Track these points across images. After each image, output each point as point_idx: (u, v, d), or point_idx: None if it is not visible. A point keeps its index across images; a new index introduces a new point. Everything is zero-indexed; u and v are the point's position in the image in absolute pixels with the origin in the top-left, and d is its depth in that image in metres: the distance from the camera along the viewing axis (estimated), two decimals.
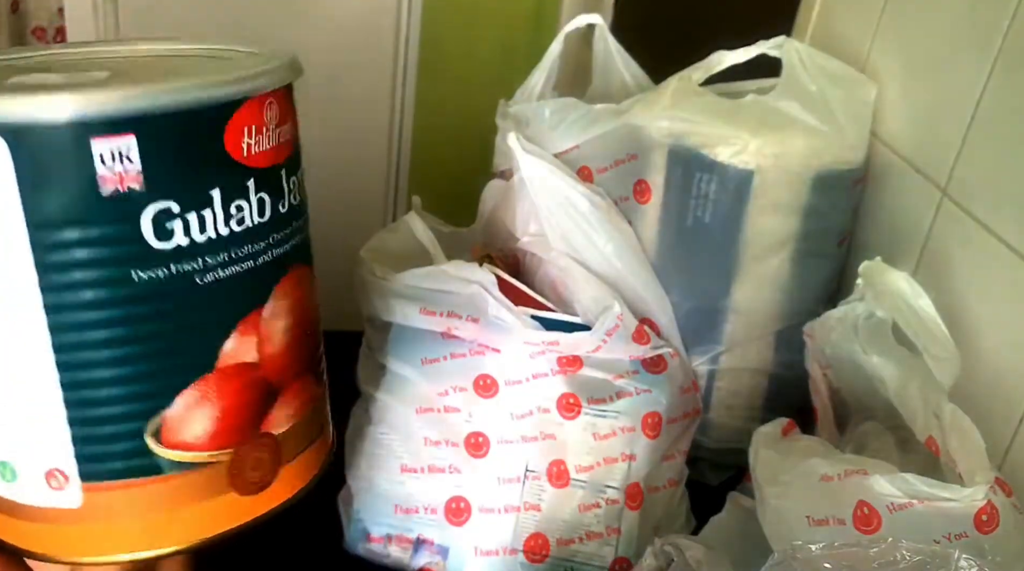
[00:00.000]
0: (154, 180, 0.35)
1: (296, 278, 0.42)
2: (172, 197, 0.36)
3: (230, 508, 0.40)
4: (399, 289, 0.71)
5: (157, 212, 0.35)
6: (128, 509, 0.39)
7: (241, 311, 0.39)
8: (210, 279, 0.37)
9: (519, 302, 0.70)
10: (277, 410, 0.41)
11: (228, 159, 0.37)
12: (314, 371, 0.44)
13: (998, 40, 0.63)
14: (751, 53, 0.79)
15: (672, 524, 0.74)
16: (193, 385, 0.38)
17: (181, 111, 0.35)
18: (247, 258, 0.38)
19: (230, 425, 0.39)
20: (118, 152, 0.34)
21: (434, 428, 0.69)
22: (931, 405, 0.56)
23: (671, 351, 0.72)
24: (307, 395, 0.43)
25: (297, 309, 0.42)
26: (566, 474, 0.69)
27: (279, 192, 0.40)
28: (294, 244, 0.41)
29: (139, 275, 0.36)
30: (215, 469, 0.39)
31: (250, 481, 0.41)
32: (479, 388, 0.69)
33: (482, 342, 0.69)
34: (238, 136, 0.37)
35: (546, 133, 0.80)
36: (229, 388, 0.39)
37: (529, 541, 0.68)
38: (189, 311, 0.37)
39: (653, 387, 0.70)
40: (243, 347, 0.39)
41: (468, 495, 0.69)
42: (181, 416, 0.38)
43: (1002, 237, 0.62)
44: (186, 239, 0.36)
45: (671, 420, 0.71)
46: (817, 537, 0.52)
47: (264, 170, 0.39)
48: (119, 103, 0.34)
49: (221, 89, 0.37)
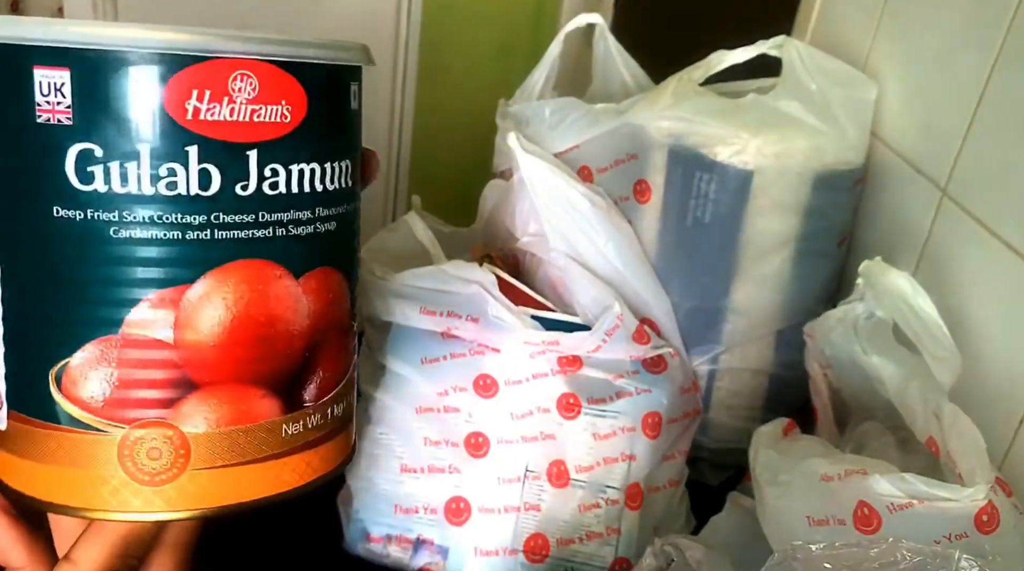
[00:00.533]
0: (83, 119, 0.35)
1: (255, 273, 0.39)
2: (97, 140, 0.35)
3: (121, 490, 0.39)
4: (399, 289, 0.71)
5: (81, 151, 0.35)
6: (31, 449, 0.39)
7: (156, 281, 0.37)
8: (124, 235, 0.36)
9: (519, 302, 0.70)
10: (191, 406, 0.38)
11: (165, 117, 0.36)
12: (265, 386, 0.40)
13: (999, 39, 0.63)
14: (751, 53, 0.79)
15: (672, 524, 0.74)
16: (96, 341, 0.37)
17: (119, 54, 0.35)
18: (173, 227, 0.37)
19: (124, 397, 0.38)
20: (54, 84, 0.35)
21: (434, 428, 0.69)
22: (931, 405, 0.56)
23: (671, 351, 0.72)
24: (244, 408, 0.39)
25: (247, 308, 0.38)
26: (566, 474, 0.69)
27: (238, 172, 0.37)
28: (260, 236, 0.38)
29: (60, 212, 0.36)
30: (108, 440, 0.38)
31: (144, 469, 0.38)
32: (479, 388, 0.69)
33: (482, 342, 0.69)
34: (182, 96, 0.36)
35: (546, 133, 0.80)
36: (130, 358, 0.37)
37: (529, 541, 0.68)
38: (102, 263, 0.37)
39: (653, 387, 0.70)
40: (155, 321, 0.37)
41: (468, 495, 0.69)
42: (80, 370, 0.37)
43: (1002, 237, 0.62)
44: (105, 186, 0.36)
45: (671, 420, 0.71)
46: (817, 537, 0.52)
47: (217, 142, 0.37)
48: (58, 34, 0.34)
49: (170, 41, 0.36)
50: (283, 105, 0.38)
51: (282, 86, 0.38)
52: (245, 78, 0.37)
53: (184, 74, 0.36)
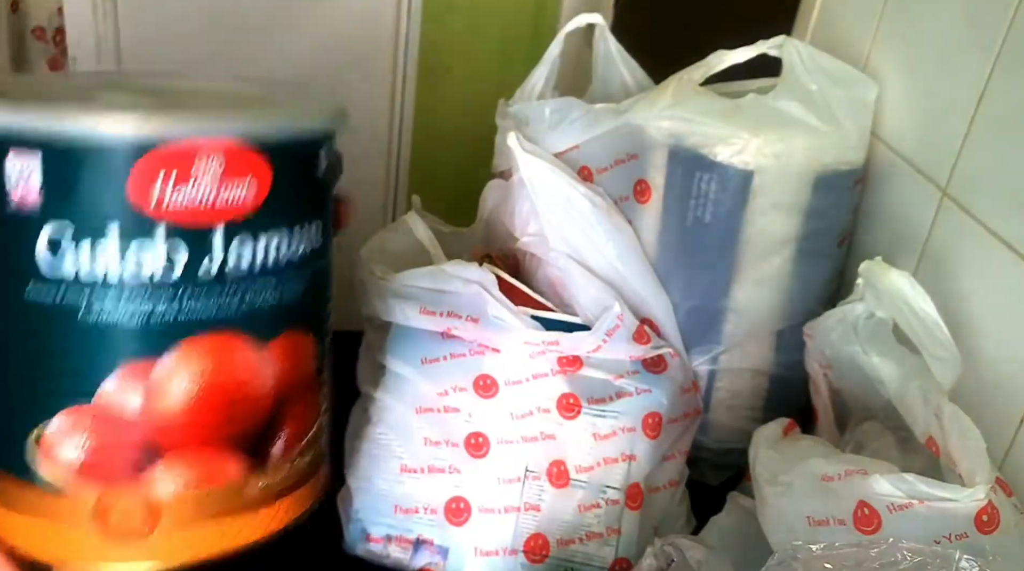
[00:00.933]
0: (53, 205, 0.35)
1: (216, 345, 0.39)
2: (66, 227, 0.36)
3: (97, 546, 0.40)
4: (398, 289, 0.71)
5: (52, 237, 0.36)
6: (17, 503, 0.40)
7: (126, 355, 0.38)
8: (94, 313, 0.37)
9: (519, 302, 0.70)
10: (162, 470, 0.39)
11: (132, 202, 0.36)
12: (232, 447, 0.41)
13: (999, 40, 0.63)
14: (751, 53, 0.79)
15: (673, 524, 0.74)
16: (69, 410, 0.38)
17: (84, 143, 0.35)
18: (141, 305, 0.37)
19: (98, 462, 0.39)
20: (24, 170, 0.35)
21: (434, 428, 0.69)
22: (931, 405, 0.56)
23: (671, 351, 0.72)
24: (213, 470, 0.41)
25: (213, 377, 0.39)
26: (566, 474, 0.69)
27: (204, 250, 0.38)
28: (226, 309, 0.39)
29: (31, 293, 0.37)
30: (81, 502, 0.39)
31: (117, 528, 0.39)
32: (479, 388, 0.69)
33: (482, 342, 0.69)
34: (148, 180, 0.36)
35: (546, 133, 0.80)
36: (103, 426, 0.39)
37: (529, 541, 0.68)
38: (73, 339, 0.37)
39: (653, 387, 0.70)
40: (124, 392, 0.38)
41: (468, 495, 0.69)
42: (57, 436, 0.39)
43: (1003, 237, 0.62)
44: (74, 268, 0.36)
45: (671, 420, 0.71)
46: (817, 537, 0.52)
47: (182, 225, 0.37)
48: (27, 121, 0.35)
49: (136, 128, 0.35)
50: (249, 180, 0.38)
51: (248, 163, 0.38)
52: (211, 158, 0.37)
53: (150, 158, 0.36)
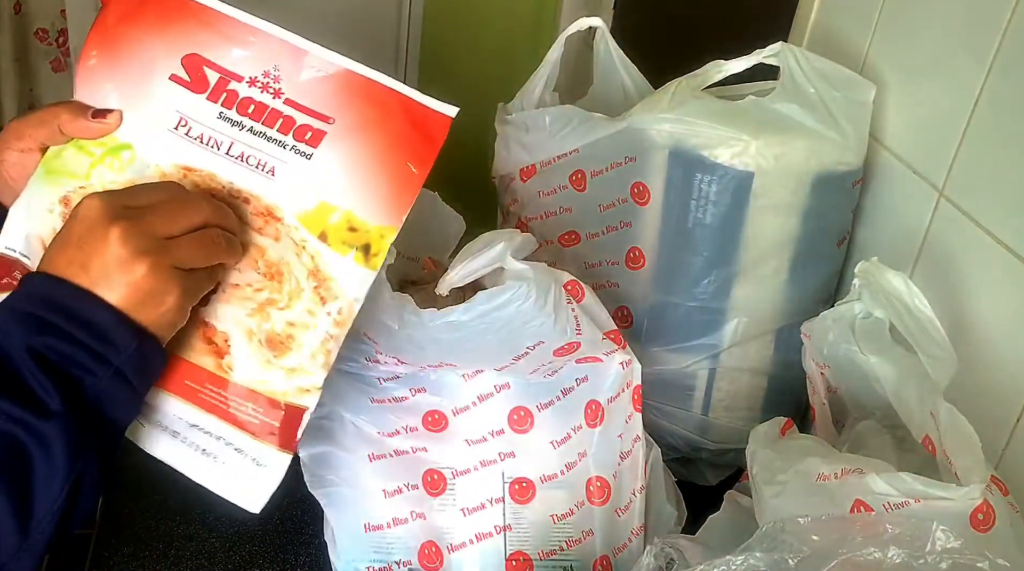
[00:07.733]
0: None
1: None
2: None
3: None
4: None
5: None
6: None
7: None
8: None
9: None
10: None
11: None
12: None
13: (995, 42, 0.63)
14: (748, 63, 0.79)
15: (661, 515, 0.73)
16: None
17: None
18: None
19: None
20: None
21: (390, 477, 0.68)
22: (927, 404, 0.56)
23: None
24: None
25: None
26: (532, 488, 0.69)
27: None
28: None
29: None
30: None
31: None
32: (428, 424, 0.68)
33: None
34: None
35: (546, 138, 0.81)
36: None
37: (510, 562, 0.68)
38: None
39: (590, 374, 0.69)
40: None
41: (438, 539, 0.68)
42: None
43: (999, 238, 0.62)
44: None
45: (611, 399, 0.70)
46: None
47: None
48: None
49: None
50: None
51: None
52: None
53: None
